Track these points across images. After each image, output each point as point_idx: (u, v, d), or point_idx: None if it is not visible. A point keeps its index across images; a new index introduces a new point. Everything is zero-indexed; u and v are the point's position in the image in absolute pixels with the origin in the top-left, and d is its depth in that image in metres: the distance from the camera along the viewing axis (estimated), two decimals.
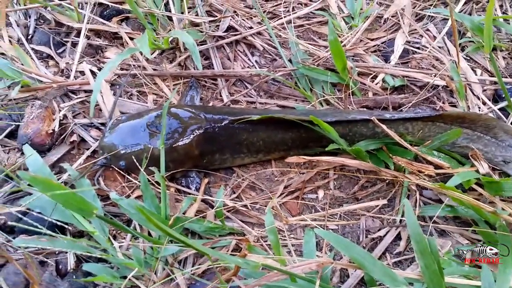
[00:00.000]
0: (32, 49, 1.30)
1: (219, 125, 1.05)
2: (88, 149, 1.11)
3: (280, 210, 1.04)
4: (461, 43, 1.33)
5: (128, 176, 1.06)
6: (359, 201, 1.07)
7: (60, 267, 0.96)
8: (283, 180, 1.10)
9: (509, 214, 0.93)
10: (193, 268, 0.93)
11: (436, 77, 1.23)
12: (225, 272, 0.88)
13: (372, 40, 1.36)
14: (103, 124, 1.14)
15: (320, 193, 1.09)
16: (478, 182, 1.02)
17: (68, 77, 1.24)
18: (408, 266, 0.97)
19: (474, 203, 0.90)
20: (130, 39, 1.31)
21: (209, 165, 1.09)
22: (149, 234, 0.98)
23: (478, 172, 1.00)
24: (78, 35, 1.33)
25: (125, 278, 0.90)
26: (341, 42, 1.30)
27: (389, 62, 1.29)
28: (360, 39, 1.35)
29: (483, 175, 0.99)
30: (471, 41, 1.34)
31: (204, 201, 1.04)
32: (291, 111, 1.17)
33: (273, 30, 1.32)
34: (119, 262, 0.93)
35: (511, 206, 0.97)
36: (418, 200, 1.02)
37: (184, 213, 0.99)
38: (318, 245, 0.99)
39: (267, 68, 1.27)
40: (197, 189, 1.06)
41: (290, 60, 1.27)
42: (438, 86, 1.23)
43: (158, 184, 1.02)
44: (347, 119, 1.04)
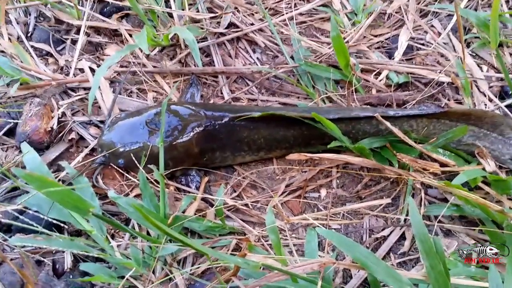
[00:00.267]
0: (32, 46, 1.28)
1: (220, 122, 1.03)
2: (86, 147, 1.10)
3: (281, 209, 1.02)
4: (466, 39, 1.31)
5: (127, 175, 1.04)
6: (362, 200, 1.05)
7: (57, 266, 0.95)
8: (285, 179, 1.08)
9: None
10: (192, 268, 0.91)
11: (441, 73, 1.20)
12: (225, 272, 0.86)
13: (376, 36, 1.33)
14: (102, 122, 1.13)
15: (323, 192, 1.07)
16: (485, 180, 0.99)
17: (67, 74, 1.23)
18: (412, 266, 0.95)
19: (481, 202, 0.88)
20: (130, 36, 1.29)
21: (210, 163, 1.07)
22: (148, 233, 0.96)
23: (484, 170, 0.98)
24: (77, 32, 1.31)
25: (123, 278, 0.89)
26: (344, 38, 1.27)
27: (393, 58, 1.27)
28: (364, 35, 1.33)
29: (490, 173, 0.97)
30: (477, 37, 1.31)
31: (204, 199, 1.02)
32: (293, 108, 1.15)
33: (274, 26, 1.30)
34: (117, 262, 0.91)
35: None
36: (423, 199, 0.99)
37: (183, 212, 0.98)
38: (320, 245, 0.97)
39: (269, 65, 1.25)
40: (197, 188, 1.04)
41: (292, 57, 1.25)
42: (443, 83, 1.21)
43: (158, 182, 1.00)
44: (350, 116, 1.02)
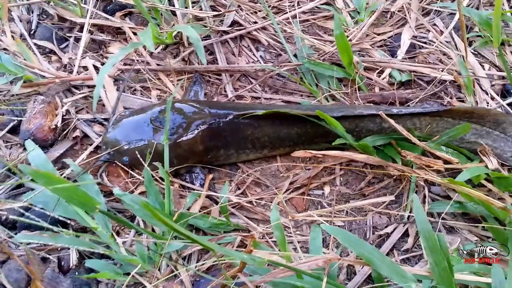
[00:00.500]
0: (35, 44, 1.29)
1: (224, 120, 1.04)
2: (91, 144, 1.10)
3: (286, 206, 1.02)
4: (468, 37, 1.31)
5: (131, 172, 1.04)
6: (366, 197, 1.05)
7: (63, 263, 0.95)
8: (289, 176, 1.08)
9: None
10: (198, 264, 0.92)
11: (444, 72, 1.21)
12: (229, 269, 0.86)
13: (378, 34, 1.34)
14: (106, 120, 1.13)
15: (326, 189, 1.07)
16: (487, 178, 1.00)
17: (71, 72, 1.23)
18: (416, 263, 0.96)
19: (484, 199, 0.88)
20: (134, 34, 1.29)
21: (214, 161, 1.08)
22: (153, 230, 0.96)
23: (487, 167, 0.98)
24: (81, 30, 1.31)
25: (128, 274, 0.89)
26: (347, 37, 1.28)
27: (395, 57, 1.27)
28: (366, 33, 1.33)
29: (492, 171, 0.98)
30: (479, 36, 1.32)
31: (208, 197, 1.03)
32: (296, 106, 1.16)
33: (278, 25, 1.30)
34: (122, 259, 0.91)
35: None
36: (427, 196, 1.00)
37: (188, 209, 0.98)
38: (325, 242, 0.98)
39: (272, 63, 1.26)
40: (202, 185, 1.04)
41: (295, 55, 1.26)
42: (446, 81, 1.21)
43: (162, 180, 1.00)
44: (353, 114, 1.02)
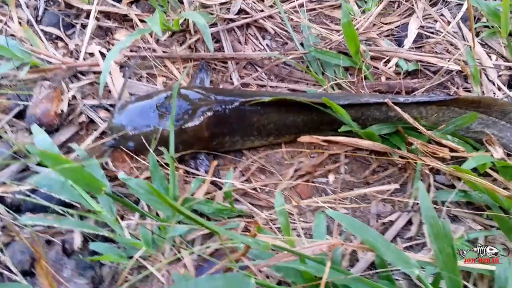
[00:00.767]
0: (42, 30, 1.29)
1: (230, 107, 1.04)
2: (96, 130, 1.10)
3: (291, 192, 1.02)
4: (476, 28, 1.30)
5: (137, 157, 1.04)
6: (370, 185, 1.05)
7: (66, 246, 0.95)
8: (293, 164, 1.08)
9: None
10: (201, 248, 0.92)
11: (451, 61, 1.20)
12: (233, 254, 0.86)
13: (385, 24, 1.33)
14: (112, 105, 1.13)
15: (331, 177, 1.07)
16: (493, 167, 1.00)
17: (77, 58, 1.23)
18: (419, 251, 0.96)
19: (489, 187, 0.88)
20: (140, 21, 1.29)
21: (219, 147, 1.08)
22: (157, 215, 0.96)
23: (493, 157, 0.98)
24: (87, 16, 1.31)
25: (132, 258, 0.89)
26: (354, 26, 1.27)
27: (402, 46, 1.27)
28: (373, 23, 1.33)
29: (498, 160, 0.97)
30: (486, 26, 1.31)
31: (213, 183, 1.03)
32: (302, 94, 1.15)
33: (285, 13, 1.30)
34: (126, 242, 0.92)
35: None
36: (432, 185, 1.00)
37: (192, 194, 0.98)
38: (328, 229, 0.98)
39: (278, 52, 1.25)
40: (206, 172, 1.05)
41: (301, 44, 1.25)
42: (452, 71, 1.21)
43: (167, 166, 1.01)
44: (360, 102, 1.02)
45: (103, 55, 1.22)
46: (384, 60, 1.23)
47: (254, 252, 0.85)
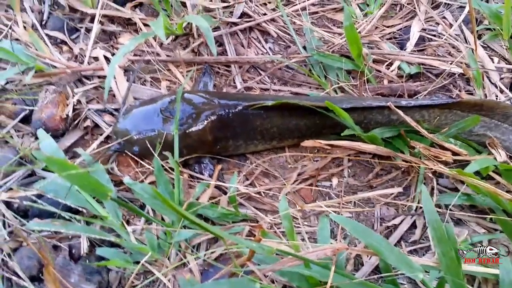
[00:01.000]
0: (46, 34, 1.29)
1: (233, 111, 1.04)
2: (101, 134, 1.11)
3: (295, 196, 1.03)
4: (478, 30, 1.31)
5: (141, 162, 1.05)
6: (373, 189, 1.06)
7: (73, 251, 0.96)
8: (297, 167, 1.09)
9: None
10: (207, 253, 0.93)
11: (453, 64, 1.21)
12: (238, 259, 0.87)
13: (388, 27, 1.34)
14: (117, 110, 1.14)
15: (334, 180, 1.08)
16: (496, 170, 1.00)
17: (81, 62, 1.24)
18: (423, 254, 0.96)
19: (492, 190, 0.89)
20: (144, 25, 1.30)
21: (223, 152, 1.08)
22: (162, 219, 0.97)
23: (495, 160, 0.99)
24: (92, 21, 1.32)
25: (138, 263, 0.90)
26: (356, 29, 1.27)
27: (404, 49, 1.27)
28: (375, 26, 1.33)
29: (501, 163, 0.98)
30: (488, 29, 1.32)
31: (217, 187, 1.03)
32: (305, 97, 1.16)
33: (287, 16, 1.30)
34: (132, 247, 0.93)
35: None
36: (435, 188, 1.00)
37: (197, 199, 0.99)
38: (332, 233, 0.99)
39: (281, 55, 1.26)
40: (210, 176, 1.05)
41: (304, 47, 1.26)
42: (455, 74, 1.21)
43: (171, 170, 1.01)
44: (362, 105, 1.02)
45: (107, 59, 1.22)
46: (386, 63, 1.24)
47: (259, 256, 0.86)
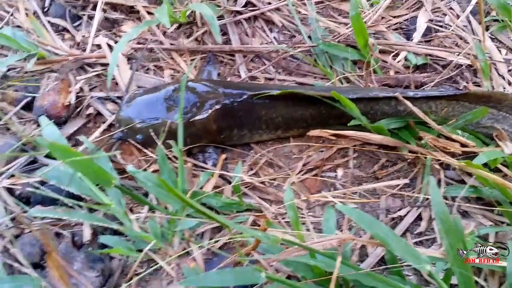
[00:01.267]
0: (48, 21, 1.28)
1: (238, 100, 1.03)
2: (104, 122, 1.10)
3: (300, 187, 1.02)
4: (485, 22, 1.29)
5: (145, 150, 1.04)
6: (379, 180, 1.05)
7: (76, 239, 0.95)
8: (302, 158, 1.07)
9: None
10: (211, 241, 0.92)
11: (460, 55, 1.19)
12: (242, 248, 0.86)
13: (394, 17, 1.32)
14: (120, 98, 1.12)
15: (340, 171, 1.06)
16: (503, 163, 0.99)
17: (84, 50, 1.22)
18: (429, 246, 0.95)
19: (500, 182, 0.88)
20: (148, 13, 1.28)
21: (227, 141, 1.07)
22: (165, 208, 0.96)
23: (503, 152, 0.98)
24: (94, 8, 1.30)
25: (141, 251, 0.90)
26: (362, 19, 1.26)
27: (411, 40, 1.25)
28: (382, 16, 1.31)
29: (509, 155, 0.97)
30: (496, 20, 1.30)
31: (221, 177, 1.02)
32: (310, 88, 1.15)
33: (292, 6, 1.29)
34: (135, 235, 0.92)
35: None
36: (442, 180, 0.99)
37: (201, 188, 0.98)
38: (337, 223, 0.97)
39: (286, 45, 1.24)
40: (214, 165, 1.04)
41: (309, 37, 1.24)
42: (462, 65, 1.20)
43: (175, 159, 1.00)
44: (369, 96, 1.01)
45: (110, 47, 1.21)
46: (392, 54, 1.22)
47: (263, 246, 0.85)
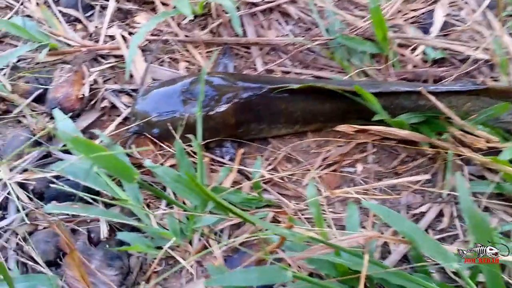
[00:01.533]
0: (60, 11, 1.25)
1: (257, 93, 1.01)
2: (119, 115, 1.08)
3: (320, 182, 1.01)
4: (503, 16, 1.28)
5: (161, 144, 1.02)
6: (399, 176, 1.03)
7: (92, 235, 0.93)
8: (320, 153, 1.06)
9: None
10: (234, 239, 0.90)
11: (479, 50, 1.18)
12: (266, 246, 0.84)
13: (411, 11, 1.30)
14: (135, 90, 1.10)
15: (359, 166, 1.05)
16: None
17: (97, 41, 1.20)
18: (451, 243, 0.94)
19: None
20: (162, 4, 1.26)
21: (245, 135, 1.05)
22: (183, 203, 0.94)
23: None
24: None
25: (159, 248, 0.88)
26: None
27: (429, 34, 1.23)
28: (399, 9, 1.29)
29: None
30: (511, 15, 1.29)
31: (239, 171, 1.01)
32: (328, 81, 1.13)
33: None
34: (154, 232, 0.90)
35: None
36: (465, 175, 0.98)
37: (220, 184, 0.96)
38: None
39: (303, 37, 1.22)
40: (232, 160, 1.03)
41: (327, 30, 1.22)
42: (479, 60, 1.18)
43: (193, 153, 0.98)
44: (390, 90, 0.99)
45: (124, 38, 1.18)
46: (410, 48, 1.20)
47: (286, 243, 0.83)
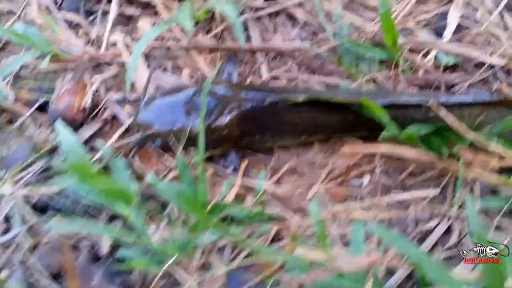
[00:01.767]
0: (62, 17, 1.23)
1: (261, 104, 0.98)
2: (121, 126, 1.06)
3: (324, 195, 0.98)
4: None
5: (163, 155, 1.00)
6: (407, 189, 1.00)
7: (94, 250, 0.93)
8: (326, 164, 1.03)
9: None
10: (238, 262, 0.89)
11: (495, 55, 1.13)
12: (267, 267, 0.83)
13: (423, 13, 1.25)
14: (137, 100, 1.08)
15: (365, 179, 1.02)
16: None
17: (99, 47, 1.18)
18: (460, 260, 0.91)
19: None
20: (164, 8, 1.23)
21: (249, 146, 1.03)
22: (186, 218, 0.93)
23: None
24: (109, 2, 1.25)
25: (161, 262, 0.87)
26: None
27: (442, 38, 1.19)
28: (410, 11, 1.25)
29: None
30: None
31: (242, 184, 0.99)
32: (336, 90, 1.10)
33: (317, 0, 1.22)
34: (155, 248, 0.89)
35: None
36: (478, 190, 0.95)
37: (223, 198, 0.95)
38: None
39: (310, 42, 1.19)
40: (235, 169, 1.01)
41: (334, 34, 1.18)
42: (495, 65, 1.14)
43: (196, 164, 0.97)
44: (399, 102, 0.96)
45: (126, 45, 1.16)
46: (422, 53, 1.16)
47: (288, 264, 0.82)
